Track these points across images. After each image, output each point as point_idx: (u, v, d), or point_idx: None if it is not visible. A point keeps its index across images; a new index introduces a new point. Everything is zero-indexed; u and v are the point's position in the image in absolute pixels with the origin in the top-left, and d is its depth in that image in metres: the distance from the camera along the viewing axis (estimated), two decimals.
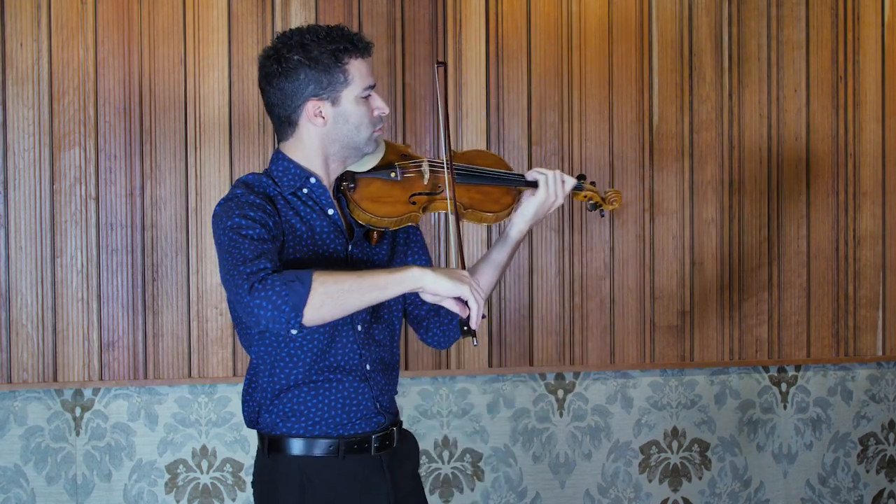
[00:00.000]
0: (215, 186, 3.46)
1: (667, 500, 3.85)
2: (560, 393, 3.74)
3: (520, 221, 2.43)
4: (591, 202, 2.57)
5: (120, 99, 3.42)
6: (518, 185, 2.43)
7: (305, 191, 2.24)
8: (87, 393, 3.46)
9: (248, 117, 3.48)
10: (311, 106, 2.21)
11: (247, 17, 3.49)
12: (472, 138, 3.59)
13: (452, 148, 2.48)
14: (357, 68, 2.21)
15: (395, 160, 2.34)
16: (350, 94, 2.21)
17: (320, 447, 2.24)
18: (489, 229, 3.61)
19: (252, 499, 3.56)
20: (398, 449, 2.35)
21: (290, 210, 2.22)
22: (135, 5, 3.43)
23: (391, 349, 2.37)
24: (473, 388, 3.67)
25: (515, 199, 2.44)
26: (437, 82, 2.43)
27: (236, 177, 3.47)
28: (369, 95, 2.24)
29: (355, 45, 2.21)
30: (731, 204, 3.78)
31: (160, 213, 3.44)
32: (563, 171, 3.65)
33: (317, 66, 2.18)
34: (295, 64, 2.18)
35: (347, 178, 2.28)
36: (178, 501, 3.53)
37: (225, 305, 3.46)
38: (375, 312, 2.30)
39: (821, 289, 3.86)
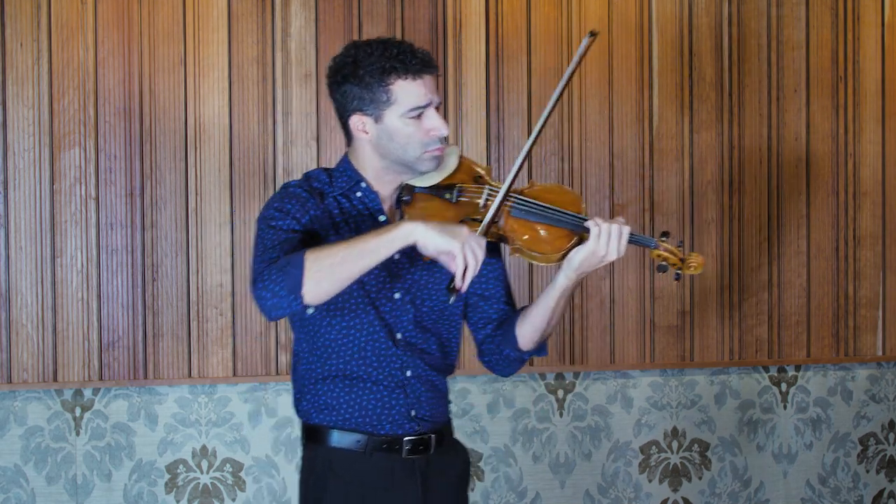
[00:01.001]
0: (215, 186, 3.46)
1: (667, 500, 3.85)
2: (560, 393, 3.74)
3: (566, 268, 2.24)
4: (662, 263, 2.29)
5: (120, 99, 3.42)
6: (575, 229, 2.24)
7: (359, 194, 2.27)
8: (87, 393, 3.46)
9: (248, 117, 3.48)
10: (355, 119, 2.23)
11: (247, 17, 3.49)
12: (472, 138, 3.59)
13: (532, 179, 2.43)
14: (403, 88, 2.18)
15: (462, 181, 2.28)
16: (393, 114, 2.20)
17: (349, 441, 2.26)
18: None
19: (252, 498, 3.56)
20: (438, 456, 2.32)
21: (337, 209, 2.25)
22: (135, 5, 3.43)
23: (443, 357, 2.34)
24: (473, 388, 3.67)
25: (573, 244, 2.24)
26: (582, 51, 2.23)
27: (236, 177, 3.47)
28: (420, 115, 2.20)
29: (405, 64, 2.18)
30: (731, 204, 3.78)
31: (160, 213, 3.44)
32: (563, 170, 3.66)
33: (360, 83, 2.19)
34: (343, 78, 2.22)
35: (406, 190, 2.27)
36: (178, 501, 3.53)
37: (224, 305, 3.46)
38: (419, 323, 2.29)
39: (821, 289, 3.86)
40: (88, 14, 3.41)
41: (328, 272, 2.04)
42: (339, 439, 2.26)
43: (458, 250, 2.06)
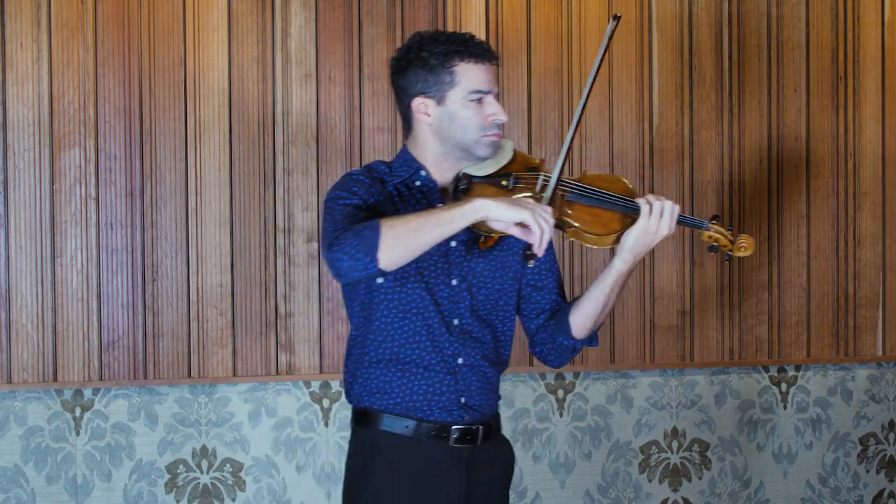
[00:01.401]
0: (215, 186, 3.46)
1: (667, 500, 3.85)
2: (560, 393, 3.74)
3: (621, 251, 2.32)
4: (713, 244, 2.38)
5: (120, 99, 3.42)
6: (627, 212, 2.32)
7: (418, 183, 2.34)
8: (87, 393, 3.46)
9: (248, 117, 3.48)
10: (417, 102, 2.30)
11: (247, 17, 3.49)
12: None
13: (585, 169, 2.45)
14: (466, 71, 2.27)
15: (516, 170, 2.35)
16: (456, 95, 2.28)
17: (398, 425, 2.31)
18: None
19: (252, 498, 3.56)
20: (484, 449, 2.36)
21: (397, 197, 2.32)
22: (135, 5, 3.43)
23: (495, 349, 2.39)
24: None
25: (627, 227, 2.31)
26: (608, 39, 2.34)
27: (236, 177, 3.47)
28: (481, 99, 2.28)
29: (468, 48, 2.28)
30: (731, 204, 3.78)
31: (160, 213, 3.44)
32: (563, 172, 3.65)
33: (425, 65, 2.28)
34: (408, 62, 2.30)
35: (463, 178, 2.33)
36: (178, 501, 3.53)
37: (224, 305, 3.46)
38: (475, 311, 2.34)
39: (821, 289, 3.86)
40: (88, 14, 3.41)
41: (403, 238, 2.11)
42: (390, 423, 2.31)
43: (530, 218, 2.13)
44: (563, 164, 2.30)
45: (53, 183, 3.40)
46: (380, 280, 2.28)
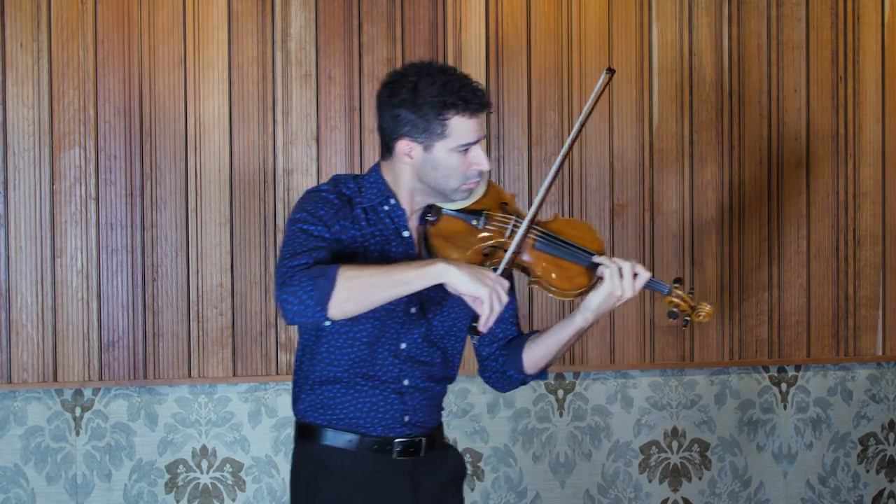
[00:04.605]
0: (215, 186, 3.46)
1: (667, 500, 3.85)
2: (560, 393, 3.74)
3: (584, 310, 2.29)
4: (674, 310, 2.34)
5: (120, 99, 3.42)
6: (594, 269, 2.28)
7: (386, 208, 2.29)
8: (87, 393, 3.46)
9: (248, 117, 3.48)
10: (403, 144, 2.24)
11: (247, 17, 3.49)
12: None
13: (556, 213, 2.46)
14: (459, 125, 2.21)
15: (489, 206, 2.31)
16: (444, 147, 2.22)
17: (341, 440, 2.29)
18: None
19: (252, 498, 3.56)
20: (428, 459, 2.35)
21: (364, 220, 2.27)
22: (135, 5, 3.43)
23: (444, 369, 2.37)
24: (473, 388, 3.67)
25: (591, 283, 2.28)
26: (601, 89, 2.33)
27: (236, 177, 3.47)
28: (467, 150, 2.23)
29: (465, 102, 2.20)
30: (731, 204, 3.78)
31: (160, 213, 3.44)
32: (563, 172, 3.66)
33: (418, 111, 2.20)
34: (399, 102, 2.22)
35: (434, 210, 2.30)
36: (178, 501, 3.53)
37: (224, 305, 3.46)
38: (427, 337, 2.31)
39: (821, 289, 3.86)
40: (88, 14, 3.41)
41: (358, 293, 2.07)
42: (332, 438, 2.30)
43: (485, 296, 2.10)
44: (535, 214, 2.25)
45: (53, 183, 3.40)
46: (327, 323, 2.23)
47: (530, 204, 2.30)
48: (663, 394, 3.81)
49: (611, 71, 2.32)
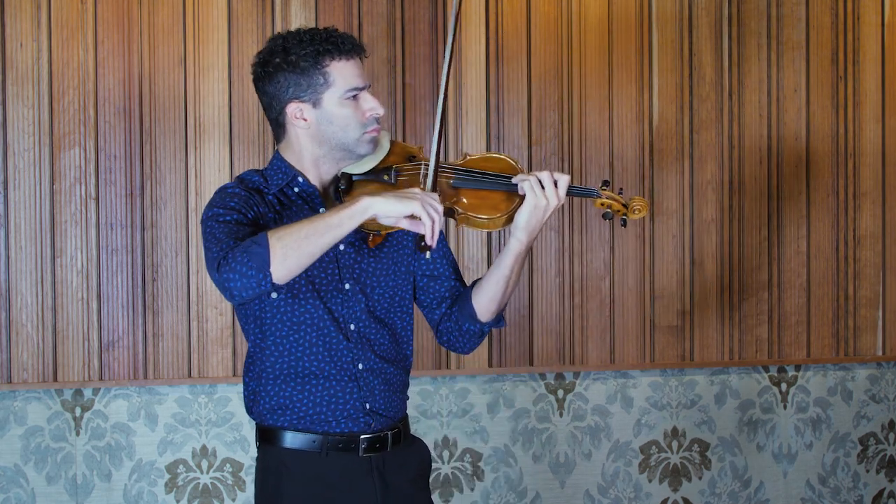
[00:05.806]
0: (215, 186, 3.46)
1: (667, 500, 3.85)
2: (560, 393, 3.74)
3: (515, 230, 2.27)
4: (607, 211, 2.33)
5: (120, 99, 3.42)
6: (513, 190, 2.28)
7: (297, 189, 2.27)
8: (87, 393, 3.46)
9: (248, 117, 3.48)
10: (292, 108, 2.22)
11: (247, 17, 3.49)
12: (472, 138, 3.59)
13: (467, 151, 2.41)
14: (339, 70, 2.20)
15: (396, 162, 2.30)
16: (332, 96, 2.21)
17: (303, 442, 2.25)
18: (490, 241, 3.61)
19: (252, 498, 3.56)
20: (395, 454, 2.31)
21: (278, 206, 2.25)
22: (135, 5, 3.43)
23: (396, 349, 2.34)
24: (473, 387, 3.67)
25: (515, 206, 2.27)
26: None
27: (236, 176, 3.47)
28: (356, 96, 2.22)
29: (338, 46, 2.20)
30: (731, 204, 3.78)
31: (160, 213, 3.44)
32: (563, 170, 3.65)
33: (295, 68, 2.19)
34: (275, 67, 2.21)
35: (343, 179, 2.28)
36: (178, 501, 3.53)
37: (225, 305, 3.46)
38: (372, 313, 2.29)
39: (821, 289, 3.86)
40: (88, 14, 3.41)
41: (294, 248, 2.03)
42: (293, 440, 2.25)
43: (419, 208, 2.08)
44: (439, 148, 2.24)
45: (53, 183, 3.40)
46: (273, 295, 2.21)
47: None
48: (663, 394, 3.81)
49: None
